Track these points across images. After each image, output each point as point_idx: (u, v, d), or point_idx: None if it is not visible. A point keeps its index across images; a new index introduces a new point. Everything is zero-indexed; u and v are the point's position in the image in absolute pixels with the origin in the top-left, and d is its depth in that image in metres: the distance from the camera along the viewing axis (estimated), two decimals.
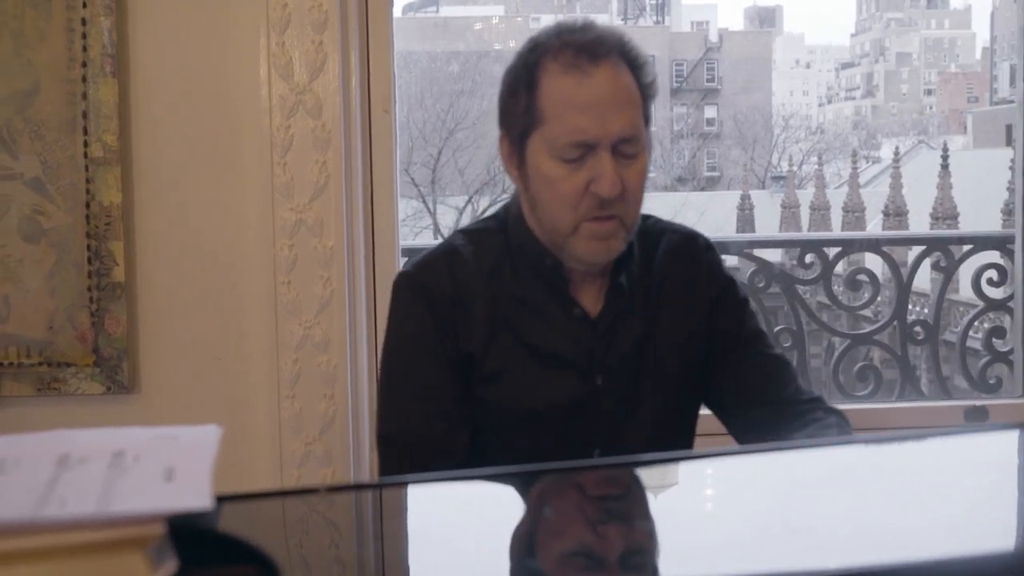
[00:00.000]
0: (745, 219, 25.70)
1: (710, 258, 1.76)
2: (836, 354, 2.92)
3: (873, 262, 3.19)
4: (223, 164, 2.32)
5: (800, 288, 2.98)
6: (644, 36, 25.63)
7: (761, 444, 1.64)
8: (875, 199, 18.25)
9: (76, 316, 2.30)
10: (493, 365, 1.64)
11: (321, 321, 2.32)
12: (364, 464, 2.40)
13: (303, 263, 2.31)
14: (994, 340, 2.90)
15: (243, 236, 2.32)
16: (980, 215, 14.22)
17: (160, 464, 0.81)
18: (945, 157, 14.42)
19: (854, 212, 18.37)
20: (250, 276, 2.33)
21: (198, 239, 2.33)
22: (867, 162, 28.55)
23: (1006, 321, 2.92)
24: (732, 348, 1.72)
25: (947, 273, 2.89)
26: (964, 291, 2.93)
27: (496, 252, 1.68)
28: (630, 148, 1.56)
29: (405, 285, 1.71)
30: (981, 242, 2.90)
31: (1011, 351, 2.84)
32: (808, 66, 43.63)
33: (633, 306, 1.68)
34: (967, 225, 14.88)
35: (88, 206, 2.27)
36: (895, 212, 15.22)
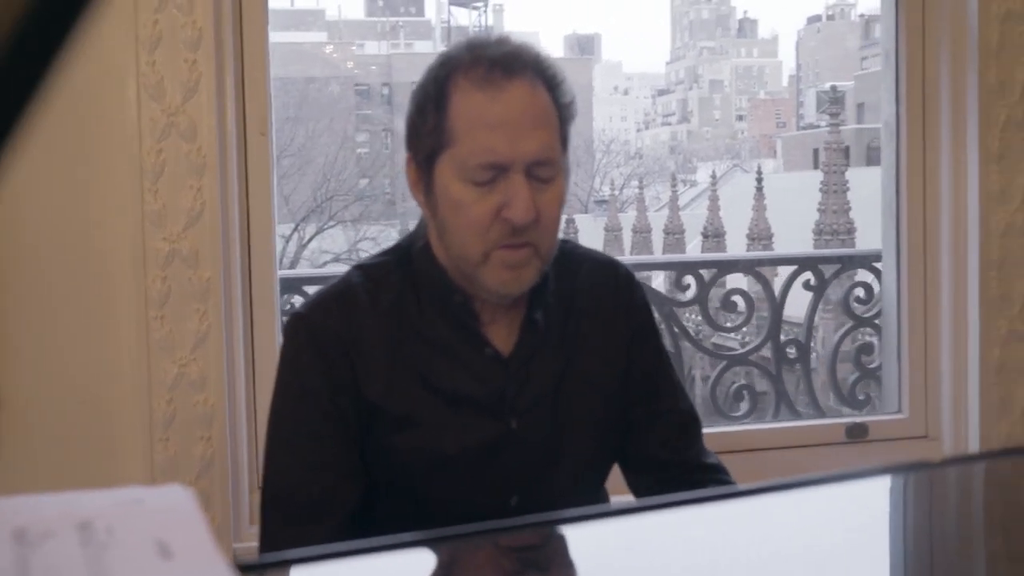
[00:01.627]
0: None
1: (631, 291, 1.67)
2: (713, 376, 2.92)
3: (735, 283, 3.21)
4: (88, 191, 2.15)
5: (676, 310, 2.97)
6: None
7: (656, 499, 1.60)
8: (694, 221, 18.80)
9: None
10: (399, 410, 1.52)
11: (197, 358, 2.17)
12: (243, 509, 2.26)
13: (177, 296, 2.16)
14: (863, 357, 2.95)
15: (111, 268, 2.16)
16: (792, 236, 14.77)
17: (144, 536, 0.69)
18: (759, 180, 14.90)
19: (674, 234, 18.87)
20: (119, 311, 2.16)
21: (61, 272, 2.15)
22: (685, 185, 29.42)
23: (868, 336, 2.97)
24: (643, 398, 1.64)
25: (817, 292, 2.93)
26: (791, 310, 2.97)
27: (397, 288, 1.56)
28: (545, 172, 1.45)
29: (295, 328, 1.57)
30: (849, 261, 2.96)
31: (879, 367, 2.89)
32: (626, 92, 44.67)
33: (548, 343, 1.57)
34: (780, 245, 15.42)
35: None
36: (714, 234, 15.66)
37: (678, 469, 1.64)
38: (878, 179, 2.66)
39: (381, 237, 17.04)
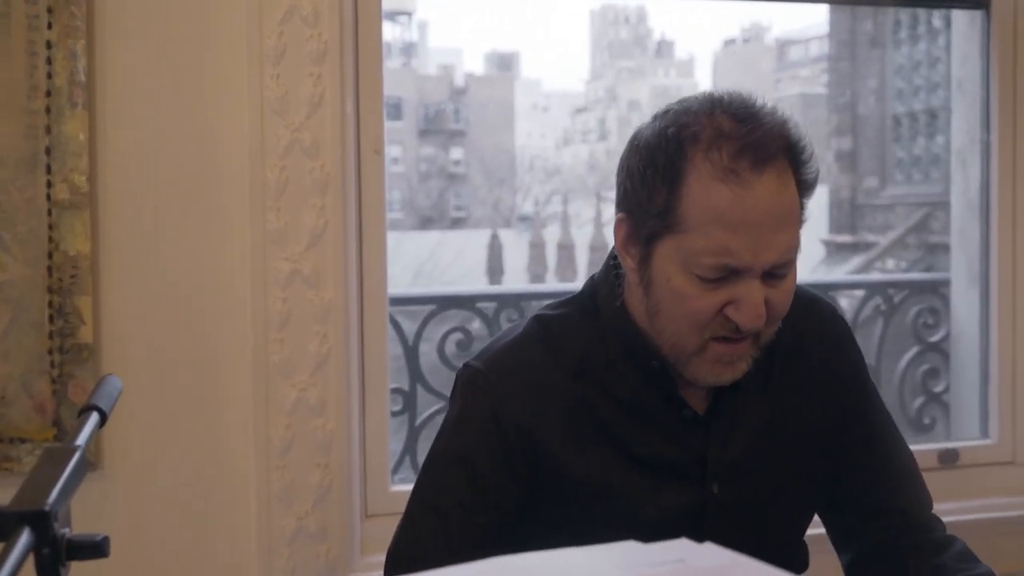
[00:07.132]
0: (495, 258, 26.06)
1: (838, 329, 1.54)
2: None
3: None
4: (207, 209, 2.06)
5: None
6: (393, 78, 25.61)
7: None
8: None
9: (33, 383, 1.98)
10: (590, 476, 1.39)
11: (317, 382, 2.09)
12: (355, 538, 2.18)
13: (297, 318, 2.08)
14: (928, 382, 2.97)
15: (229, 290, 2.07)
16: None
17: None
18: None
19: (599, 251, 19.01)
20: (237, 334, 2.07)
21: (176, 293, 2.06)
22: (606, 203, 29.69)
23: (937, 362, 2.99)
24: (855, 442, 1.52)
25: (886, 317, 2.94)
26: None
27: (583, 344, 1.43)
28: (782, 269, 1.32)
29: (470, 386, 1.44)
30: (916, 287, 2.98)
31: (945, 391, 2.93)
32: (546, 110, 44.88)
33: (749, 398, 1.44)
34: None
35: (51, 256, 1.97)
36: None
37: (894, 519, 1.53)
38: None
39: None
